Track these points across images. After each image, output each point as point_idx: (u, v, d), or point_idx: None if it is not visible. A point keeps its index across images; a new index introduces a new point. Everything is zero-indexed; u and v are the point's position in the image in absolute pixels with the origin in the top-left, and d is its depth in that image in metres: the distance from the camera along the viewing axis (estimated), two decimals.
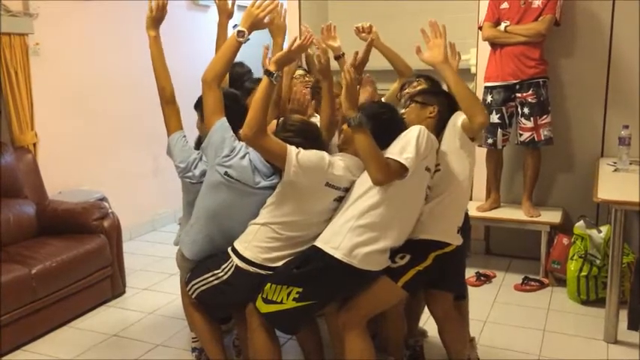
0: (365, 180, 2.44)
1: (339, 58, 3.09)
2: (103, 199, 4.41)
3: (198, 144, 2.88)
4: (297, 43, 2.52)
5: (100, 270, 3.85)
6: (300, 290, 2.42)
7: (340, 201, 2.52)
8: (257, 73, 3.22)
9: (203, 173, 2.72)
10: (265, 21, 2.78)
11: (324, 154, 2.49)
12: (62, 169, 4.54)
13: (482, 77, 4.31)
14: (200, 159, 2.77)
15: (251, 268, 2.52)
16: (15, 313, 3.28)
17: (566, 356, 3.18)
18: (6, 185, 3.81)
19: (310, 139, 2.54)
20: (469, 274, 4.00)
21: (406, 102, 2.72)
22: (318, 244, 2.45)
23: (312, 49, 3.16)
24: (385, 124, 2.49)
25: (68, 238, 3.78)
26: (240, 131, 2.49)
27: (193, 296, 2.70)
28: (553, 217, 4.22)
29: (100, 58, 4.87)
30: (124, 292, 4.09)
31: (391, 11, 5.39)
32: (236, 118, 2.59)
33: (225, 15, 3.00)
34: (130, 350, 3.34)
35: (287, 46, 2.53)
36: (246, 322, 2.62)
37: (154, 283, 4.28)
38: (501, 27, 4.08)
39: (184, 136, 2.82)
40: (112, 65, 4.98)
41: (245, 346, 2.77)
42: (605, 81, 4.20)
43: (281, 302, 2.44)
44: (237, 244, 2.58)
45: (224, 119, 2.62)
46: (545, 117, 4.08)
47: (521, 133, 4.15)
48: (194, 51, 5.45)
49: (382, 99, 3.20)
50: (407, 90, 2.92)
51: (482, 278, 4.15)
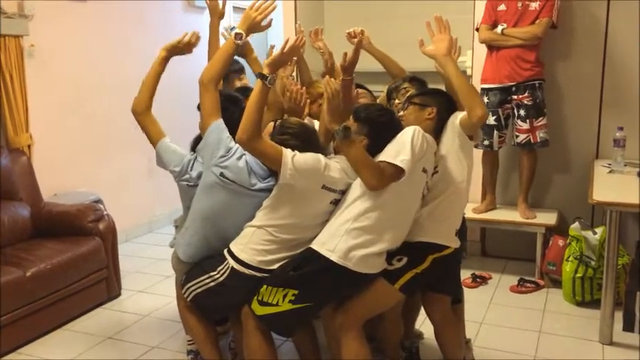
0: (361, 182, 2.43)
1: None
2: (99, 201, 4.40)
3: (196, 144, 2.87)
4: (289, 45, 2.52)
5: (95, 272, 3.84)
6: (296, 292, 2.42)
7: (336, 204, 2.52)
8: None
9: (200, 175, 2.71)
10: (263, 24, 2.78)
11: (320, 157, 2.48)
12: (57, 171, 4.53)
13: (477, 79, 4.31)
14: (195, 160, 2.77)
15: (247, 271, 2.51)
16: (10, 316, 3.27)
17: (562, 357, 3.19)
18: (1, 187, 3.80)
19: (307, 141, 2.53)
20: (465, 275, 4.01)
21: (404, 104, 2.72)
22: (314, 246, 2.45)
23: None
24: (383, 127, 2.49)
25: (63, 241, 3.77)
26: None
27: (189, 299, 2.69)
28: (548, 218, 4.23)
29: (95, 60, 4.85)
30: (119, 294, 4.08)
31: (387, 12, 5.39)
32: (236, 119, 2.58)
33: (217, 16, 3.03)
34: (126, 353, 3.33)
35: (279, 48, 2.53)
36: (242, 324, 2.62)
37: (150, 286, 4.27)
38: (498, 29, 4.09)
39: (169, 141, 2.83)
40: (108, 67, 4.97)
41: (241, 348, 2.76)
42: (600, 83, 4.22)
43: (277, 304, 2.44)
44: (232, 246, 2.57)
45: (220, 120, 2.62)
46: (541, 119, 4.09)
47: (517, 134, 4.16)
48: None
49: (377, 101, 3.20)
50: (397, 100, 2.92)
51: (478, 280, 4.16)
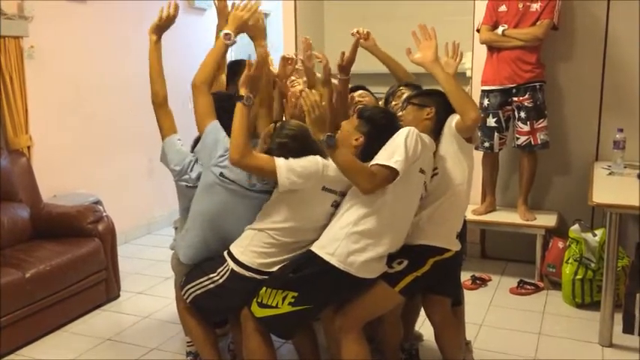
0: None
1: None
2: (98, 203, 4.39)
3: (196, 145, 2.86)
4: (255, 63, 2.53)
5: (94, 274, 3.83)
6: (295, 295, 2.41)
7: (337, 206, 2.52)
8: None
9: (199, 176, 2.70)
10: (250, 23, 2.78)
11: (318, 158, 2.48)
12: (57, 173, 4.52)
13: (477, 81, 4.31)
14: (196, 161, 2.76)
15: (247, 273, 2.51)
16: (9, 317, 3.26)
17: (561, 359, 3.18)
18: (0, 189, 3.79)
19: (306, 143, 2.52)
20: (465, 277, 4.00)
21: (403, 104, 2.72)
22: (314, 249, 2.44)
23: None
24: (382, 129, 2.48)
25: (63, 242, 3.76)
26: None
27: (188, 300, 2.68)
28: (548, 220, 4.23)
29: (94, 61, 4.85)
30: (118, 295, 4.08)
31: (386, 13, 5.39)
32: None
33: (225, 18, 2.97)
34: (125, 354, 3.33)
35: (246, 68, 2.53)
36: (242, 326, 2.62)
37: (149, 287, 4.26)
38: (499, 30, 4.08)
39: (179, 139, 2.82)
40: (107, 68, 4.97)
41: (240, 350, 2.76)
42: (600, 85, 4.22)
43: (276, 307, 2.43)
44: (233, 248, 2.57)
45: (216, 121, 2.63)
46: (541, 121, 4.09)
47: (518, 136, 4.15)
48: (190, 54, 5.42)
49: (379, 103, 3.20)
50: (393, 102, 2.93)
51: (478, 282, 4.15)
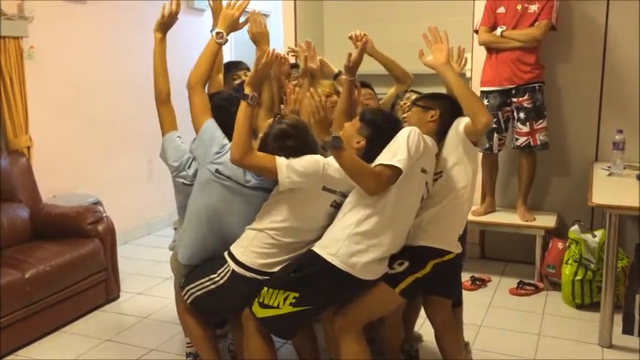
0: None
1: (337, 76, 3.16)
2: (98, 203, 4.39)
3: None
4: (262, 62, 2.54)
5: (94, 274, 3.83)
6: (296, 295, 2.41)
7: (337, 207, 2.52)
8: None
9: (196, 173, 2.71)
10: (240, 21, 2.79)
11: (319, 158, 2.48)
12: (56, 173, 4.52)
13: (477, 81, 4.31)
14: (194, 159, 2.77)
15: (248, 273, 2.51)
16: (8, 318, 3.26)
17: None
18: (0, 189, 3.79)
19: (304, 137, 2.51)
20: (464, 278, 3.99)
21: (409, 105, 2.73)
22: (316, 249, 2.44)
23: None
24: (384, 134, 2.47)
25: (62, 242, 3.76)
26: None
27: (189, 301, 2.68)
28: (548, 221, 4.23)
29: (94, 62, 4.85)
30: (118, 296, 4.08)
31: (386, 13, 5.40)
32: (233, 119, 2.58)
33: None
34: (125, 355, 3.32)
35: (252, 66, 2.56)
36: (242, 326, 2.61)
37: (149, 288, 4.26)
38: (497, 32, 4.09)
39: (179, 136, 2.83)
40: (107, 68, 4.97)
41: (240, 350, 2.76)
42: (599, 85, 4.23)
43: (277, 307, 2.43)
44: (233, 249, 2.57)
45: (212, 119, 2.65)
46: (541, 122, 4.09)
47: (517, 137, 4.16)
48: (189, 54, 5.42)
49: (380, 103, 3.21)
50: (400, 103, 2.95)
51: (478, 282, 4.16)
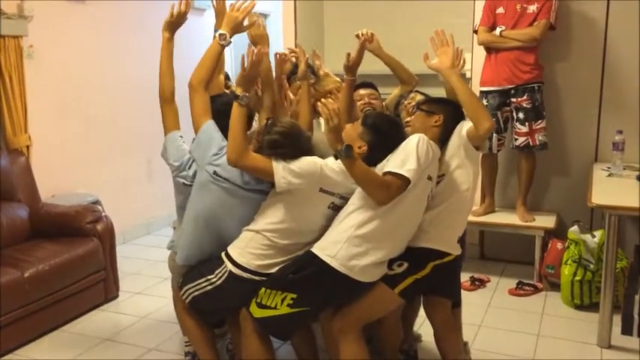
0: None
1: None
2: (97, 203, 4.39)
3: None
4: (247, 62, 2.56)
5: (93, 274, 3.83)
6: (294, 296, 2.41)
7: (335, 209, 2.52)
8: None
9: (196, 174, 2.71)
10: (245, 24, 2.79)
11: (316, 159, 2.48)
12: (56, 172, 4.52)
13: (477, 82, 4.31)
14: (195, 160, 2.77)
15: (245, 274, 2.51)
16: (7, 317, 3.26)
17: None
18: None
19: (297, 141, 2.50)
20: (463, 278, 3.98)
21: (412, 110, 2.72)
22: (315, 250, 2.44)
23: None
24: (387, 139, 2.48)
25: (61, 242, 3.76)
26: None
27: (187, 301, 2.68)
28: (547, 221, 4.23)
29: (94, 61, 4.85)
30: (117, 295, 4.08)
31: (385, 14, 5.39)
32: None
33: (223, 18, 2.99)
34: (123, 354, 3.32)
35: (241, 67, 2.57)
36: (240, 326, 2.62)
37: (148, 287, 4.26)
38: (496, 32, 4.09)
39: (181, 136, 2.83)
40: (107, 68, 4.97)
41: (239, 350, 2.76)
42: (599, 86, 4.22)
43: (275, 308, 2.43)
44: (231, 250, 2.57)
45: (211, 121, 2.65)
46: (540, 122, 4.09)
47: (516, 137, 4.16)
48: (190, 54, 5.41)
49: (383, 104, 3.21)
50: (405, 102, 2.93)
51: (477, 283, 4.15)
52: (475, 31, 4.25)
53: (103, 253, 3.91)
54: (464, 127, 2.57)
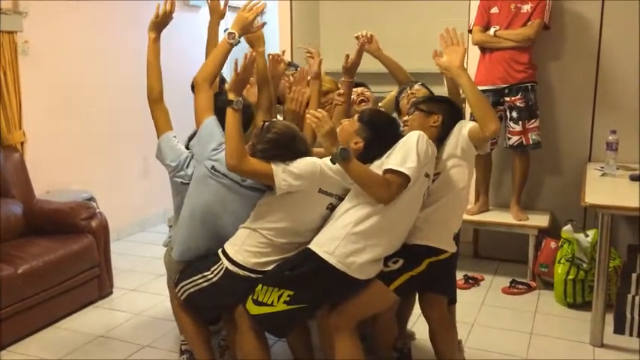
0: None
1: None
2: (91, 199, 4.39)
3: (191, 141, 2.86)
4: (240, 65, 2.56)
5: (87, 270, 3.82)
6: (291, 293, 2.41)
7: (332, 210, 2.52)
8: None
9: None
10: (255, 25, 2.79)
11: (315, 160, 2.48)
12: (50, 169, 4.51)
13: None
14: (192, 158, 2.77)
15: (241, 272, 2.51)
16: (1, 313, 3.25)
17: (553, 359, 3.20)
18: None
19: (291, 144, 2.48)
20: (457, 276, 3.99)
21: (410, 109, 2.72)
22: (312, 247, 2.44)
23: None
24: (383, 136, 2.48)
25: (55, 238, 3.75)
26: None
27: (182, 298, 2.68)
28: (541, 220, 4.25)
29: (89, 58, 4.84)
30: (111, 292, 4.07)
31: (381, 13, 5.40)
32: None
33: (217, 16, 2.99)
34: (117, 351, 3.32)
35: (233, 72, 2.56)
36: (235, 323, 2.62)
37: (142, 284, 4.25)
38: (491, 31, 4.11)
39: (174, 136, 2.83)
40: (102, 65, 4.96)
41: (233, 346, 2.76)
42: (593, 85, 4.24)
43: (271, 304, 2.43)
44: (227, 247, 2.57)
45: (213, 117, 2.65)
46: (533, 121, 4.11)
47: (509, 137, 4.17)
48: (184, 52, 5.43)
49: (379, 104, 3.20)
50: (409, 91, 2.90)
51: (471, 281, 4.17)
52: (470, 31, 4.27)
53: (98, 250, 3.91)
54: (463, 126, 2.57)
